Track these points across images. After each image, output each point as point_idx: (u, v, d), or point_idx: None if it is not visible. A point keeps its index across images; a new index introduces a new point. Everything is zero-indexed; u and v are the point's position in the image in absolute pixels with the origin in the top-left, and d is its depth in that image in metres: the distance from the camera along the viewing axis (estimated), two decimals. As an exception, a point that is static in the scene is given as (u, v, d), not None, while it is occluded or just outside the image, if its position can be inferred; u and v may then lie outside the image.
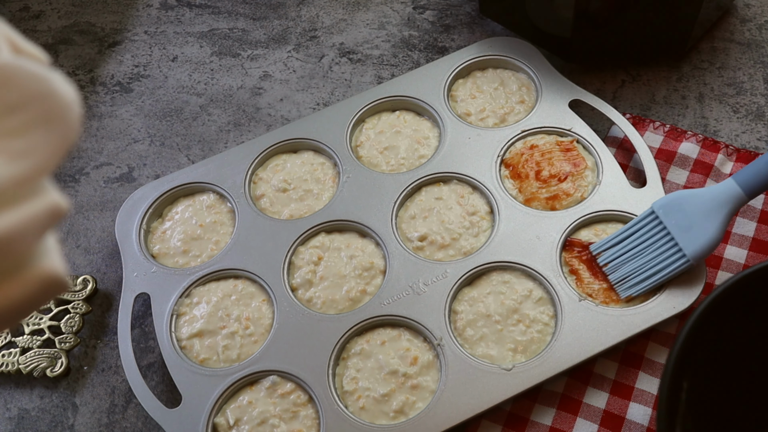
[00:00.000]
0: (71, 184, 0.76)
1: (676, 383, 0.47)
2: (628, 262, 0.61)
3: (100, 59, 0.85)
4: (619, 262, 0.61)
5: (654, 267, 0.60)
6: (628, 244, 0.62)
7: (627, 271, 0.61)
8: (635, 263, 0.61)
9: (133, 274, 0.66)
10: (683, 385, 0.48)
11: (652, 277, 0.60)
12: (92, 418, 0.63)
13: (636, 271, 0.61)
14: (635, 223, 0.62)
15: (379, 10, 0.87)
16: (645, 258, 0.61)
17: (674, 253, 0.60)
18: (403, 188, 0.68)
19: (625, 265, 0.61)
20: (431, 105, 0.73)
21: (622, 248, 0.62)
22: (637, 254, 0.61)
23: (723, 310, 0.50)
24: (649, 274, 0.60)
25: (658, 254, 0.60)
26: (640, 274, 0.61)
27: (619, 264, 0.62)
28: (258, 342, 0.62)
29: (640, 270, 0.61)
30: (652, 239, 0.61)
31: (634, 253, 0.61)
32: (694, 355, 0.49)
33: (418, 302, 0.62)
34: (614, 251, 0.62)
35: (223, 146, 0.78)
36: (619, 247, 0.62)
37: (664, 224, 0.60)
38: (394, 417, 0.58)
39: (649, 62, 0.79)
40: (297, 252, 0.66)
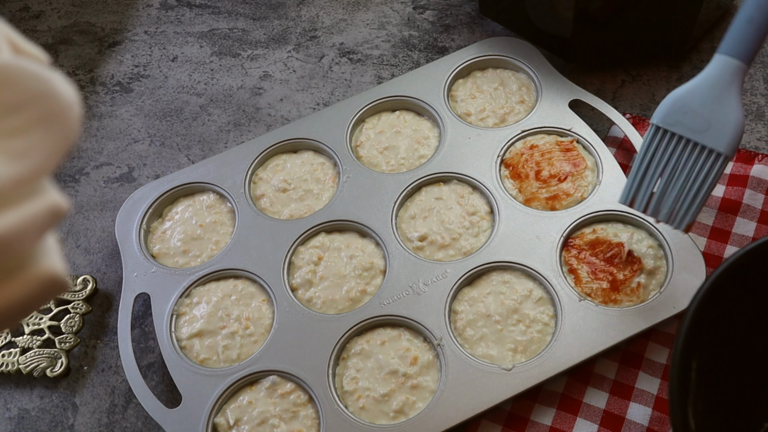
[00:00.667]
0: (71, 184, 0.76)
1: (685, 363, 0.46)
2: (668, 193, 0.54)
3: (100, 59, 0.85)
4: (658, 198, 0.54)
5: (695, 183, 0.53)
6: (655, 174, 0.54)
7: (671, 203, 0.54)
8: (674, 190, 0.53)
9: (133, 274, 0.66)
10: (692, 365, 0.46)
11: (699, 192, 0.53)
12: (92, 418, 0.63)
13: (680, 197, 0.53)
14: (647, 149, 0.54)
15: (379, 10, 0.87)
16: (681, 179, 0.53)
17: (707, 157, 0.52)
18: (403, 188, 0.68)
19: (666, 197, 0.54)
20: (431, 105, 0.73)
21: (650, 182, 0.54)
22: (671, 179, 0.53)
23: (729, 284, 0.48)
24: (695, 191, 0.53)
25: (691, 167, 0.53)
26: (686, 199, 0.53)
27: (659, 201, 0.54)
28: (258, 342, 0.62)
29: (683, 194, 0.53)
30: (676, 156, 0.53)
31: (666, 180, 0.54)
32: (702, 332, 0.47)
33: (418, 302, 0.62)
34: (645, 190, 0.54)
35: (223, 146, 0.78)
36: (646, 183, 0.54)
37: (678, 134, 0.53)
38: (394, 417, 0.58)
39: (649, 62, 0.79)
40: (297, 252, 0.66)
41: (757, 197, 0.67)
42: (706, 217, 0.67)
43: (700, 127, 0.52)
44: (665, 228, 0.63)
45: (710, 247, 0.66)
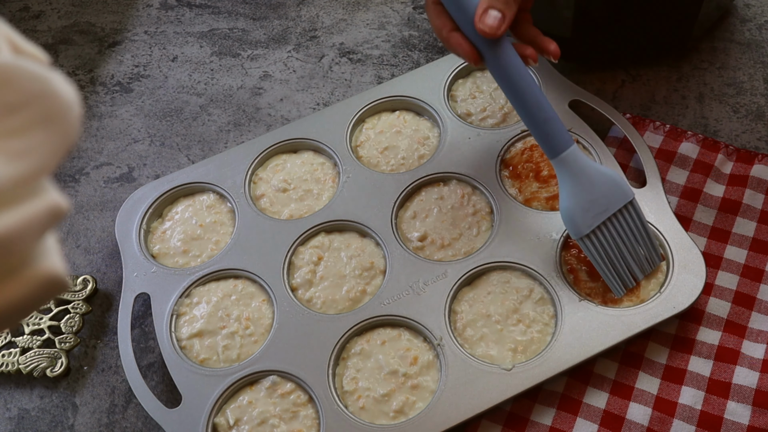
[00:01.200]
0: (71, 184, 0.76)
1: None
2: (634, 256, 0.61)
3: (100, 59, 0.85)
4: (632, 265, 0.61)
5: (638, 232, 0.60)
6: (616, 259, 0.60)
7: (641, 258, 0.61)
8: (634, 250, 0.60)
9: (133, 274, 0.66)
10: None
11: (646, 234, 0.60)
12: (92, 418, 0.63)
13: (641, 250, 0.61)
14: (595, 255, 0.60)
15: (379, 10, 0.87)
16: (630, 240, 0.60)
17: (626, 212, 0.59)
18: (403, 188, 0.68)
19: (636, 259, 0.61)
20: (431, 105, 0.73)
21: (620, 265, 0.60)
22: (626, 248, 0.60)
23: None
24: (643, 237, 0.60)
25: (626, 229, 0.60)
26: (644, 247, 0.61)
27: (635, 266, 0.61)
28: (258, 342, 0.62)
29: (641, 246, 0.61)
30: (613, 235, 0.60)
31: (624, 251, 0.60)
32: None
33: (418, 302, 0.62)
34: (623, 273, 0.61)
35: (223, 146, 0.78)
36: (620, 268, 0.61)
37: (598, 225, 0.59)
38: (394, 417, 0.58)
39: (649, 62, 0.79)
40: (297, 252, 0.66)
41: (757, 197, 0.67)
42: (706, 217, 0.67)
43: (605, 205, 0.59)
44: (665, 228, 0.63)
45: (710, 247, 0.66)
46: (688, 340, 0.62)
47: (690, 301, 0.60)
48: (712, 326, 0.62)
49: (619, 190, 0.59)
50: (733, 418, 0.58)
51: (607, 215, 0.59)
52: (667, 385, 0.60)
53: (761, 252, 0.65)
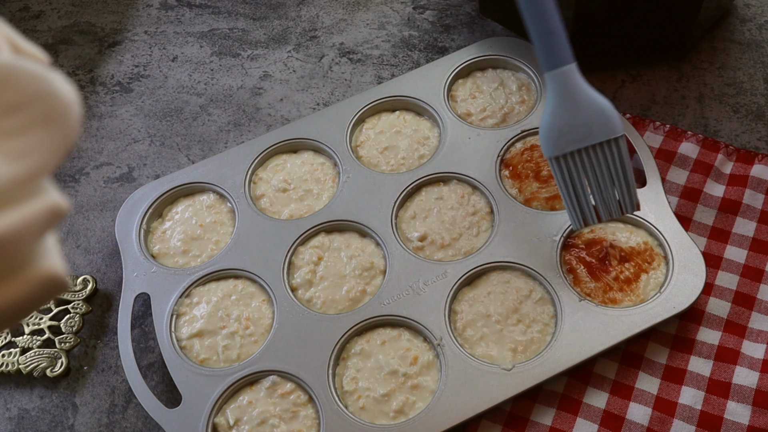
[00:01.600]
0: (71, 184, 0.76)
1: None
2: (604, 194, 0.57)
3: (100, 59, 0.85)
4: (600, 203, 0.58)
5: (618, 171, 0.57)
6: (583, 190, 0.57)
7: (612, 198, 0.57)
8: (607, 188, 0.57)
9: (133, 274, 0.66)
10: None
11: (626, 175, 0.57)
12: (92, 418, 0.63)
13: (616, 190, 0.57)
14: (562, 179, 0.57)
15: (379, 10, 0.87)
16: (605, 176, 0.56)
17: (609, 148, 0.56)
18: (403, 188, 0.68)
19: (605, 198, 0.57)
20: (431, 105, 0.73)
21: (585, 198, 0.57)
22: (598, 183, 0.57)
23: None
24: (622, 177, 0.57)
25: (605, 164, 0.56)
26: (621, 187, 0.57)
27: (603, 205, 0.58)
28: (258, 342, 0.62)
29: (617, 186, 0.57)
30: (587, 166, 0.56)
31: (595, 187, 0.57)
32: None
33: (418, 302, 0.62)
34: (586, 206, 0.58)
35: (223, 146, 0.78)
36: (583, 201, 0.57)
37: (574, 150, 0.56)
38: (394, 417, 0.58)
39: (649, 62, 0.79)
40: (297, 252, 0.66)
41: (757, 197, 0.67)
42: (706, 217, 0.67)
43: (586, 133, 0.55)
44: (666, 228, 0.63)
45: (710, 247, 0.66)
46: (688, 340, 0.62)
47: (690, 301, 0.60)
48: (712, 326, 0.62)
49: (606, 123, 0.55)
50: (733, 418, 0.58)
51: (585, 144, 0.55)
52: (667, 385, 0.60)
53: (761, 252, 0.65)
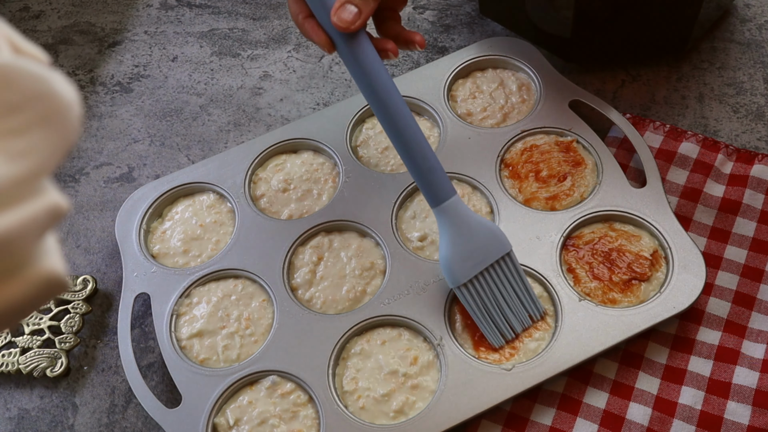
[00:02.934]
0: (71, 184, 0.76)
1: None
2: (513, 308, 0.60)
3: (100, 59, 0.85)
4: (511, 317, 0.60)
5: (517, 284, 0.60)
6: (495, 310, 0.60)
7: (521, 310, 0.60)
8: (514, 301, 0.60)
9: (133, 274, 0.66)
10: None
11: (525, 286, 0.60)
12: (92, 418, 0.63)
13: (521, 302, 0.60)
14: (472, 305, 0.59)
15: (379, 10, 0.87)
16: (509, 291, 0.60)
17: (504, 264, 0.59)
18: (403, 188, 0.68)
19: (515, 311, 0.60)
20: (431, 105, 0.73)
21: (499, 316, 0.60)
22: (504, 299, 0.60)
23: None
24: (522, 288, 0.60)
25: (504, 280, 0.60)
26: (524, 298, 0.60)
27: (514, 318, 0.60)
28: (258, 342, 0.62)
29: (520, 298, 0.60)
30: (490, 286, 0.60)
31: (502, 303, 0.60)
32: None
33: (418, 302, 0.62)
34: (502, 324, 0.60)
35: (223, 146, 0.78)
36: (498, 320, 0.60)
37: (476, 275, 0.59)
38: (394, 417, 0.58)
39: (649, 62, 0.79)
40: (297, 252, 0.66)
41: (757, 197, 0.67)
42: (706, 217, 0.67)
43: (482, 256, 0.59)
44: (665, 228, 0.63)
45: (710, 247, 0.66)
46: (688, 340, 0.62)
47: (690, 301, 0.60)
48: (712, 326, 0.62)
49: (496, 242, 0.59)
50: (733, 418, 0.58)
51: (483, 266, 0.59)
52: (667, 385, 0.60)
53: (761, 252, 0.65)
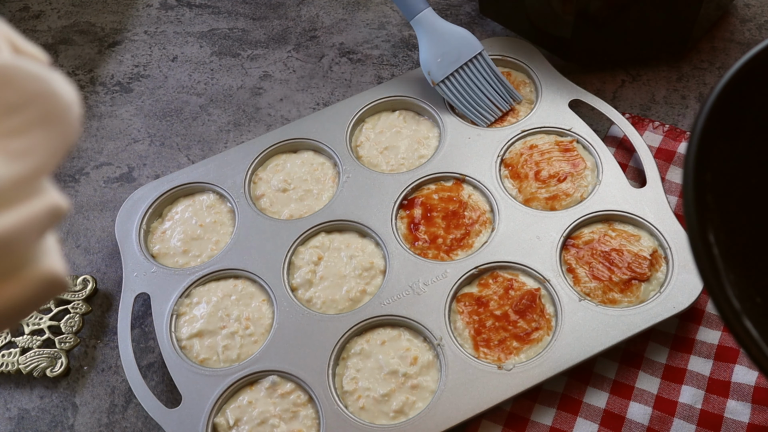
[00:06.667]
0: (71, 184, 0.76)
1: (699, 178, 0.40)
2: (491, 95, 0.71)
3: (100, 59, 0.85)
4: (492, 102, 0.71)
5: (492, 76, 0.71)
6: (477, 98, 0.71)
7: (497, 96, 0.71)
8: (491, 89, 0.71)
9: (133, 274, 0.66)
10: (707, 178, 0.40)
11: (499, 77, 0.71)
12: (92, 418, 0.63)
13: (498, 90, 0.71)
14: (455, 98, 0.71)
15: (379, 10, 0.87)
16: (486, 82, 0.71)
17: (477, 61, 0.71)
18: (403, 188, 0.68)
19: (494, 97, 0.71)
20: (431, 105, 0.73)
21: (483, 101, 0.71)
22: (483, 89, 0.71)
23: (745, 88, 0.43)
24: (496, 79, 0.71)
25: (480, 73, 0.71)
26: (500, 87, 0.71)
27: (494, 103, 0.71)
28: (258, 342, 0.62)
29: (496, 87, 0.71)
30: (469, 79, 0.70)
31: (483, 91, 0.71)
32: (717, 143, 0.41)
33: (418, 302, 0.62)
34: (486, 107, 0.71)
35: (223, 146, 0.78)
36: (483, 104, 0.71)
37: (453, 72, 0.70)
38: (394, 417, 0.58)
39: (649, 62, 0.79)
40: (297, 252, 0.66)
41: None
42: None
43: (456, 56, 0.71)
44: (666, 228, 0.63)
45: (710, 247, 0.66)
46: (688, 340, 0.62)
47: (690, 301, 0.60)
48: (712, 326, 0.62)
49: (468, 44, 0.71)
50: (734, 416, 0.58)
51: (458, 64, 0.70)
52: (667, 384, 0.60)
53: (761, 252, 0.65)
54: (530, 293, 0.61)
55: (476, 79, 0.70)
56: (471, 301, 0.62)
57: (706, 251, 0.38)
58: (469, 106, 0.70)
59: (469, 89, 0.70)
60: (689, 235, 0.39)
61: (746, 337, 0.36)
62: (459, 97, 0.70)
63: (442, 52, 0.70)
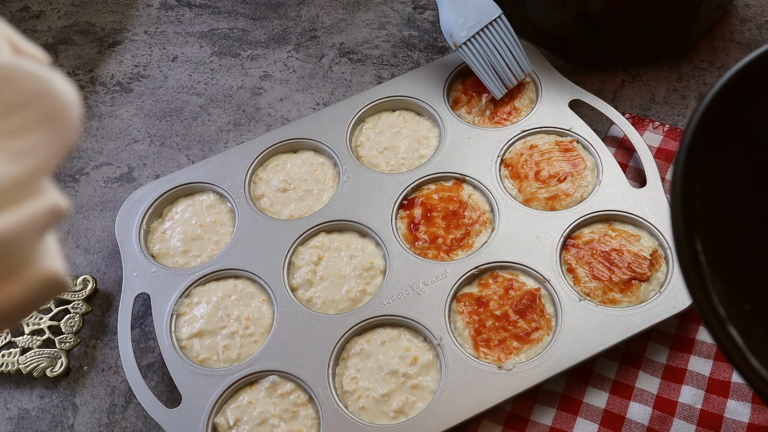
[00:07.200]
0: (71, 184, 0.76)
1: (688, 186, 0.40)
2: (508, 60, 0.71)
3: (100, 59, 0.85)
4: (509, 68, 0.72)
5: (511, 41, 0.71)
6: (495, 62, 0.71)
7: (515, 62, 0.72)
8: (509, 54, 0.71)
9: (133, 274, 0.66)
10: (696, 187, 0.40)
11: (517, 43, 0.72)
12: (92, 418, 0.63)
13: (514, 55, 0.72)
14: (475, 60, 0.71)
15: (379, 10, 0.87)
16: (506, 46, 0.71)
17: (498, 25, 0.71)
18: (403, 188, 0.68)
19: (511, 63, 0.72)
20: (431, 105, 0.73)
21: (500, 67, 0.71)
22: (502, 54, 0.71)
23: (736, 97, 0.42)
24: (515, 44, 0.72)
25: (499, 37, 0.71)
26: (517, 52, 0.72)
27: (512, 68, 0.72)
28: (258, 342, 0.62)
29: (513, 52, 0.72)
30: (489, 42, 0.71)
31: (501, 56, 0.71)
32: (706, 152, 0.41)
33: (418, 302, 0.62)
34: (504, 73, 0.71)
35: (223, 146, 0.78)
36: (500, 70, 0.71)
37: (474, 34, 0.70)
38: (394, 417, 0.58)
39: (649, 62, 0.79)
40: (297, 252, 0.66)
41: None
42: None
43: (477, 18, 0.71)
44: (666, 228, 0.63)
45: (710, 247, 0.66)
46: (688, 340, 0.62)
47: (690, 301, 0.60)
48: (712, 326, 0.62)
49: (488, 8, 0.71)
50: (734, 416, 0.58)
51: (480, 26, 0.70)
52: (667, 384, 0.60)
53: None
54: (530, 293, 0.61)
55: (497, 43, 0.71)
56: (471, 301, 0.62)
57: (692, 259, 0.38)
58: (490, 71, 0.71)
59: (490, 52, 0.70)
60: (675, 243, 0.39)
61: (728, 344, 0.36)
62: (480, 60, 0.70)
63: (464, 14, 0.70)
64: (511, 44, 0.71)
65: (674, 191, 0.40)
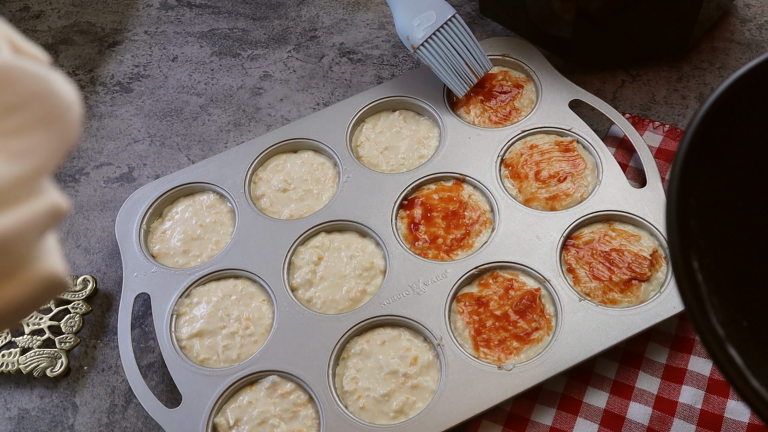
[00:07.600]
0: (71, 184, 0.76)
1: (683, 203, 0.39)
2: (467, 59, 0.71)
3: (100, 59, 0.85)
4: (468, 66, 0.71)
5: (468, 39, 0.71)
6: (455, 61, 0.71)
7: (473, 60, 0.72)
8: (466, 53, 0.71)
9: (133, 274, 0.66)
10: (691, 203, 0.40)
11: (474, 42, 0.71)
12: (92, 418, 0.63)
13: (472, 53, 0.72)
14: (434, 61, 0.70)
15: (379, 10, 0.87)
16: (462, 46, 0.71)
17: (453, 25, 0.70)
18: (403, 188, 0.68)
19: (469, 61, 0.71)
20: (431, 105, 0.73)
21: (459, 65, 0.71)
22: (459, 53, 0.71)
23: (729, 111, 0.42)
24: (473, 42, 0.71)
25: (457, 37, 0.71)
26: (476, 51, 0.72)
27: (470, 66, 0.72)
28: (258, 342, 0.62)
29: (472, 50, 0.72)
30: (446, 43, 0.70)
31: (459, 55, 0.71)
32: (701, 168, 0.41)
33: (418, 302, 0.62)
34: (463, 72, 0.71)
35: (223, 146, 0.78)
36: (459, 68, 0.71)
37: (431, 36, 0.70)
38: (394, 417, 0.58)
39: (649, 62, 0.79)
40: (297, 252, 0.66)
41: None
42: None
43: (432, 19, 0.70)
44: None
45: (710, 247, 0.66)
46: (688, 340, 0.62)
47: (690, 301, 0.60)
48: (712, 326, 0.62)
49: (441, 9, 0.71)
50: (734, 416, 0.58)
51: (436, 27, 0.70)
52: (668, 384, 0.60)
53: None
54: (530, 293, 0.61)
55: (455, 42, 0.71)
56: (471, 301, 0.62)
57: (689, 278, 0.38)
58: (450, 70, 0.71)
59: (448, 52, 0.70)
60: (672, 262, 0.38)
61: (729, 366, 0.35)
62: (440, 60, 0.70)
63: (419, 15, 0.70)
64: (468, 43, 0.71)
65: (669, 210, 0.39)
